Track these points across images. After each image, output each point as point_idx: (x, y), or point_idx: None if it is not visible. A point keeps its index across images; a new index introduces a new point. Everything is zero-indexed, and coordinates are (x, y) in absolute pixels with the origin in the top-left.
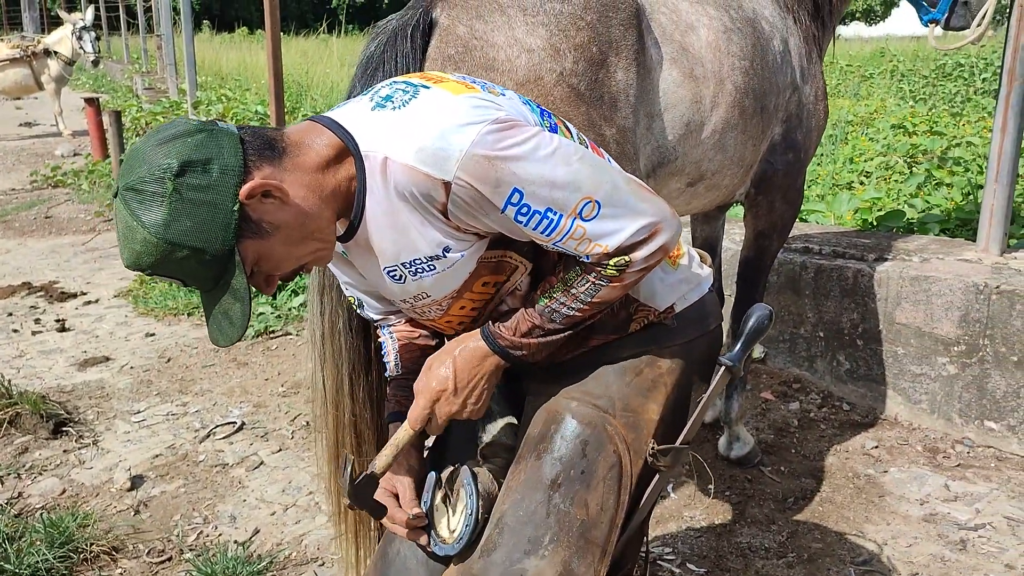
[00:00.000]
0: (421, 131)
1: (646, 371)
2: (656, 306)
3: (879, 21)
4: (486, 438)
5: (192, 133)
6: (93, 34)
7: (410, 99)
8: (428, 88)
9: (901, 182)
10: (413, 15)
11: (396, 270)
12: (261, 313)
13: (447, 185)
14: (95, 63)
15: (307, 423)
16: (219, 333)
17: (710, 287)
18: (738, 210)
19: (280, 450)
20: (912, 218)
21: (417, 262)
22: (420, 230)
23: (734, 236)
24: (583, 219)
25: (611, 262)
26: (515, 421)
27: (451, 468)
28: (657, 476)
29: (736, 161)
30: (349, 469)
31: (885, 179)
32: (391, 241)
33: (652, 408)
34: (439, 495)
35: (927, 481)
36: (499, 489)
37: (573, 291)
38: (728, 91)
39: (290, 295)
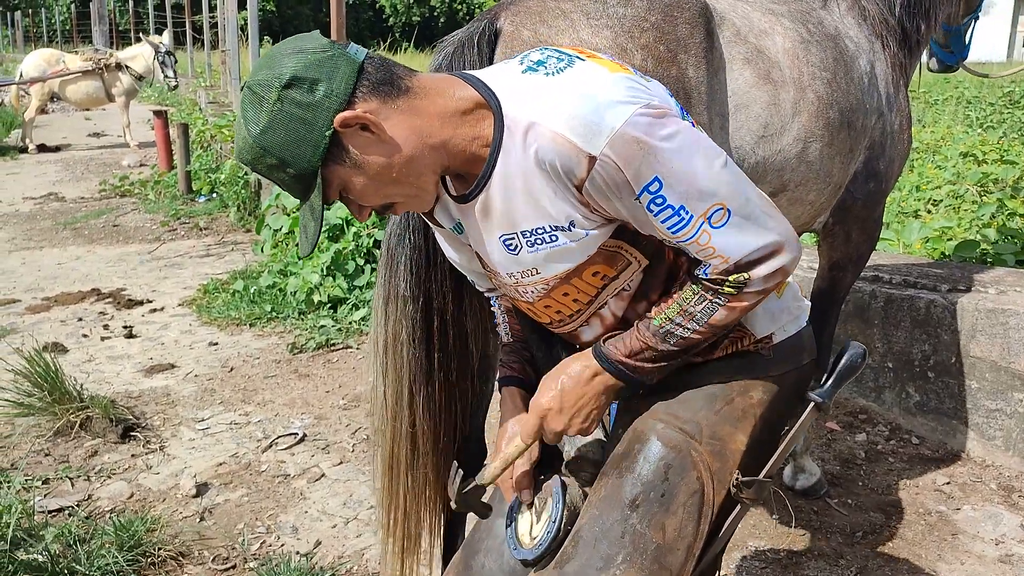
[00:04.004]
0: (575, 101)
1: (737, 400)
2: (754, 330)
3: None
4: (573, 452)
5: (315, 51)
6: (174, 59)
7: (565, 67)
8: (583, 60)
9: (972, 212)
10: (479, 25)
11: (513, 239)
12: (322, 326)
13: (592, 160)
14: (174, 88)
15: (367, 436)
16: (298, 245)
17: (807, 320)
18: (808, 235)
19: (341, 463)
20: (986, 249)
21: (539, 231)
22: (551, 199)
23: (801, 263)
24: (711, 225)
25: (730, 279)
26: (603, 437)
27: (543, 478)
28: (738, 508)
29: (822, 176)
30: (458, 480)
31: (955, 208)
32: (516, 206)
33: (739, 438)
34: (528, 501)
35: (1002, 521)
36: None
37: (689, 311)
38: (810, 100)
39: (351, 309)
